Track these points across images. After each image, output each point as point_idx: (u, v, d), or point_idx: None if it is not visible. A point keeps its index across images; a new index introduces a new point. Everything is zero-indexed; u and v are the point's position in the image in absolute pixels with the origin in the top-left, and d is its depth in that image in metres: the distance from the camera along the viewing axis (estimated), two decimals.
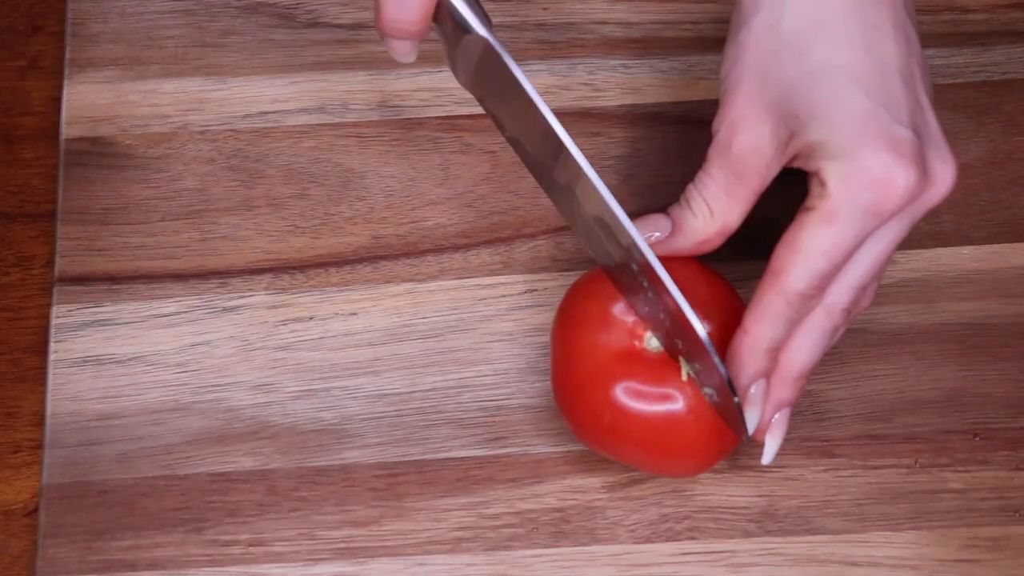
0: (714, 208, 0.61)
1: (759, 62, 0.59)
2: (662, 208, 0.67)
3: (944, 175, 0.59)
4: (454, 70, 0.61)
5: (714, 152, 0.60)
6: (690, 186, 0.61)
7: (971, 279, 0.68)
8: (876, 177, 0.57)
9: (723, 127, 0.60)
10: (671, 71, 0.73)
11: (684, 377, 0.60)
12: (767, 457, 0.61)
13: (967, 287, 0.67)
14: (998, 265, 0.68)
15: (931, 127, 0.59)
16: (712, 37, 0.73)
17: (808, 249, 0.58)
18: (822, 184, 0.57)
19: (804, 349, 0.60)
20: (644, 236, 0.60)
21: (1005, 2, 0.74)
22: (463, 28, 0.57)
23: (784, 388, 0.60)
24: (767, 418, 0.60)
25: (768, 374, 0.60)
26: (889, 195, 0.57)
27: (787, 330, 0.59)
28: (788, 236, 0.58)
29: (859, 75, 0.58)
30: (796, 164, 0.60)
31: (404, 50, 0.59)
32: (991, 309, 0.68)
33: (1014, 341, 0.67)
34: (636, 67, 0.73)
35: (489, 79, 0.59)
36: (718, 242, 0.62)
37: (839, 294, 0.59)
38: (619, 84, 0.72)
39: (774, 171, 0.60)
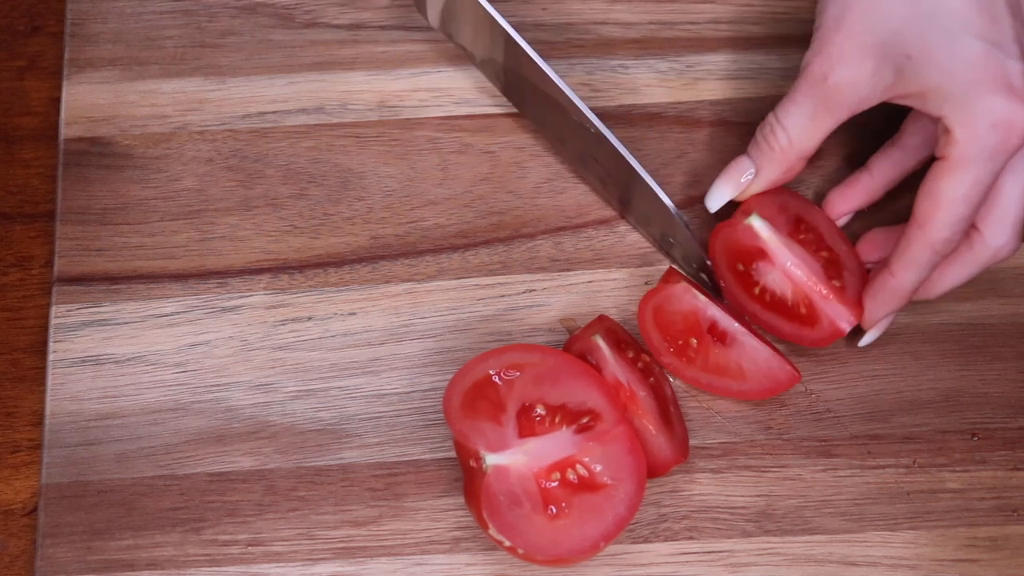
0: (793, 135, 0.64)
1: (865, 1, 0.61)
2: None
3: None
4: (423, 11, 0.69)
5: (804, 82, 0.63)
6: (770, 116, 0.64)
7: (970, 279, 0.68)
8: (997, 119, 0.59)
9: (817, 59, 0.62)
10: (669, 71, 0.73)
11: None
12: (864, 342, 0.66)
13: (966, 287, 0.67)
14: (997, 265, 0.68)
15: None
16: (710, 37, 0.73)
17: (948, 197, 0.60)
18: (947, 132, 0.60)
19: (954, 278, 0.64)
20: (734, 180, 0.66)
21: None
22: None
23: (918, 299, 0.65)
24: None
25: (902, 308, 0.64)
26: (1012, 133, 0.59)
27: (931, 271, 0.63)
28: (926, 187, 0.61)
29: (971, 17, 0.59)
30: (907, 103, 0.62)
31: None
32: (989, 309, 0.68)
33: (1012, 341, 0.67)
34: (634, 67, 0.73)
35: (459, 15, 0.66)
36: (800, 168, 0.65)
37: (1002, 234, 0.63)
38: (618, 84, 0.72)
39: (866, 106, 0.63)
